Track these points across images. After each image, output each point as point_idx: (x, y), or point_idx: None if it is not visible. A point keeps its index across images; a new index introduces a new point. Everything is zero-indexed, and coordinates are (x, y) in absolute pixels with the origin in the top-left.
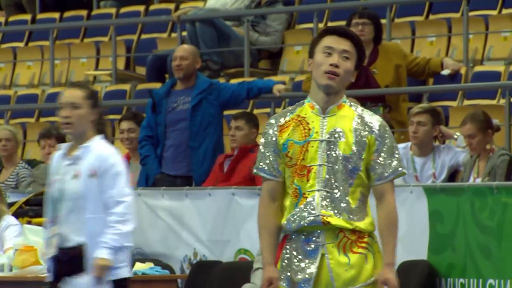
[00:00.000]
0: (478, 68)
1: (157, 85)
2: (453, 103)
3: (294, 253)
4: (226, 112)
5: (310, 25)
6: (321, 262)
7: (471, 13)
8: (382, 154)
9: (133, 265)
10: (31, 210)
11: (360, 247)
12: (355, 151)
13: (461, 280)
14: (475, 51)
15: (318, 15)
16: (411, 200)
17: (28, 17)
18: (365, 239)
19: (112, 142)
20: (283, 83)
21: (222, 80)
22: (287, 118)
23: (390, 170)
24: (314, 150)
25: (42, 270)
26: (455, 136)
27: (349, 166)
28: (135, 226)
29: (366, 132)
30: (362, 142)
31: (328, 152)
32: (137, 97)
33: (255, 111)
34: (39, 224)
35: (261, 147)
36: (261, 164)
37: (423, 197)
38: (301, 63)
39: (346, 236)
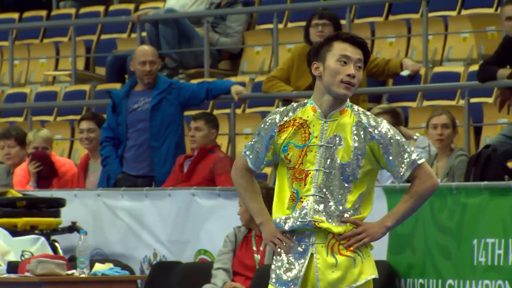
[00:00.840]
0: (438, 69)
1: (117, 86)
2: (413, 104)
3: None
4: (186, 113)
5: (270, 26)
6: (309, 262)
7: (430, 14)
8: (391, 156)
9: (92, 265)
10: None
11: (349, 250)
12: (354, 158)
13: (421, 280)
14: (435, 52)
15: (278, 15)
16: None
17: None
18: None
19: (71, 142)
20: (243, 84)
21: (180, 78)
22: (288, 118)
23: (405, 168)
24: (313, 155)
25: (1, 271)
26: (415, 137)
27: (346, 173)
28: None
29: (367, 139)
30: (361, 150)
31: (326, 158)
32: (97, 98)
33: (215, 112)
34: None
35: (256, 137)
36: (248, 150)
37: (383, 197)
38: (261, 63)
39: (335, 238)
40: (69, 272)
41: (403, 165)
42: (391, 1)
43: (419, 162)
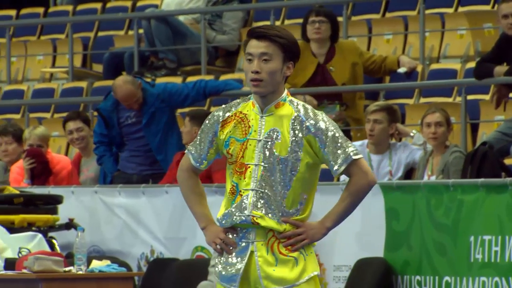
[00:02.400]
0: (435, 66)
1: None
2: (410, 101)
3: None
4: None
5: (267, 23)
6: (249, 259)
7: (427, 11)
8: (326, 150)
9: (89, 262)
10: None
11: (289, 249)
12: (292, 152)
13: (417, 277)
14: (432, 49)
15: (275, 12)
16: (368, 198)
17: None
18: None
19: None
20: (240, 82)
21: (179, 79)
22: (230, 113)
23: (339, 162)
24: (252, 149)
25: None
26: (412, 134)
27: (286, 167)
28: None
29: (303, 132)
30: (299, 143)
31: (265, 153)
32: (94, 95)
33: (212, 109)
34: None
35: (200, 134)
36: (192, 148)
37: (380, 194)
38: None
39: (275, 236)
40: (66, 269)
41: (338, 160)
42: None
43: (354, 157)
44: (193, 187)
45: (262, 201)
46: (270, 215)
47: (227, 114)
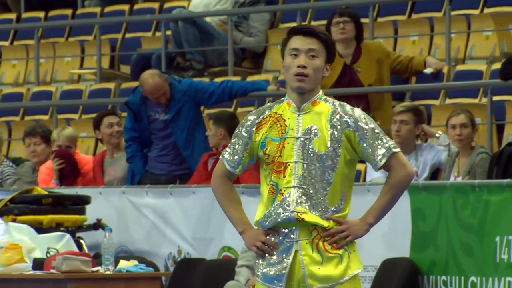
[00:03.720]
0: (460, 67)
1: None
2: (436, 102)
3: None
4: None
5: (294, 24)
6: (294, 258)
7: (453, 13)
8: (365, 144)
9: (117, 262)
10: (16, 208)
11: (334, 247)
12: (330, 148)
13: (443, 277)
14: (457, 50)
15: (302, 14)
16: None
17: (13, 16)
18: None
19: (96, 140)
20: (267, 82)
21: (206, 80)
22: (265, 115)
23: (379, 157)
24: (290, 147)
25: (27, 267)
26: (437, 135)
27: (325, 163)
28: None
29: (342, 127)
30: (338, 139)
31: (304, 150)
32: (122, 96)
33: (239, 110)
34: (24, 222)
35: (234, 139)
36: (227, 153)
37: (406, 195)
38: None
39: (320, 234)
40: (94, 269)
41: (379, 153)
42: (414, 0)
43: (394, 150)
44: (227, 193)
45: (304, 198)
46: (312, 210)
47: (262, 116)
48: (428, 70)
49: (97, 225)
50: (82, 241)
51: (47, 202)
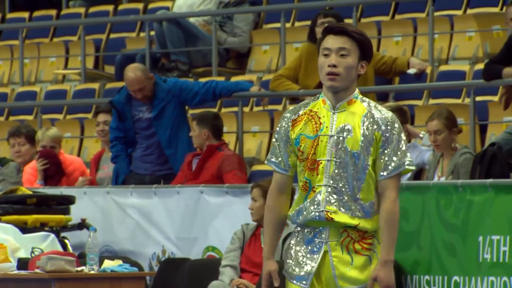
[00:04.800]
0: (444, 68)
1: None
2: (419, 102)
3: (298, 247)
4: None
5: (278, 25)
6: (322, 259)
7: (436, 13)
8: (387, 151)
9: (102, 262)
10: (0, 208)
11: (364, 248)
12: (363, 147)
13: (427, 277)
14: (441, 51)
15: (286, 14)
16: None
17: None
18: (369, 240)
19: (81, 141)
20: (251, 83)
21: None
22: (301, 113)
23: (393, 166)
24: (324, 144)
25: (12, 267)
26: (421, 135)
27: (358, 162)
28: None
29: (374, 128)
30: (369, 138)
31: (337, 148)
32: (106, 96)
33: (223, 110)
34: (9, 222)
35: (274, 139)
36: (272, 156)
37: None
38: (268, 62)
39: (350, 236)
40: (79, 268)
41: (392, 163)
42: (398, 0)
43: (406, 167)
44: (269, 217)
45: (335, 196)
46: (343, 209)
47: (298, 114)
48: (411, 71)
49: (82, 225)
50: (66, 241)
51: (32, 202)
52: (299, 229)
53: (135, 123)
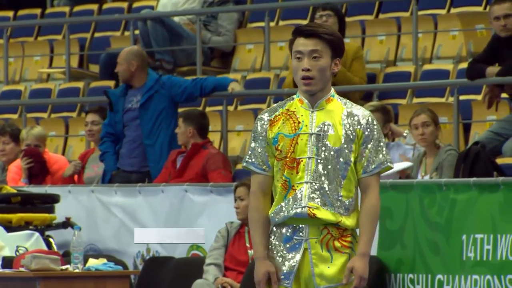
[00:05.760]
0: (427, 67)
1: (110, 83)
2: (403, 101)
3: (278, 246)
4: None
5: (262, 24)
6: (303, 257)
7: (420, 12)
8: (369, 147)
9: (86, 261)
10: None
11: (344, 246)
12: (345, 144)
13: (410, 275)
14: (424, 50)
15: (270, 13)
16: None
17: None
18: (349, 238)
19: (65, 139)
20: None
21: None
22: (277, 113)
23: (375, 163)
24: (304, 143)
25: None
26: (405, 134)
27: (340, 159)
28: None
29: (355, 125)
30: (351, 135)
31: (318, 145)
32: (90, 95)
33: (207, 109)
34: None
35: (251, 140)
36: (251, 158)
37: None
38: (252, 61)
39: (330, 233)
40: (63, 267)
41: (375, 160)
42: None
43: (387, 164)
44: (256, 217)
45: (317, 193)
46: (325, 206)
47: (274, 114)
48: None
49: (66, 224)
50: (51, 240)
51: (16, 200)
52: (275, 229)
53: (125, 114)
